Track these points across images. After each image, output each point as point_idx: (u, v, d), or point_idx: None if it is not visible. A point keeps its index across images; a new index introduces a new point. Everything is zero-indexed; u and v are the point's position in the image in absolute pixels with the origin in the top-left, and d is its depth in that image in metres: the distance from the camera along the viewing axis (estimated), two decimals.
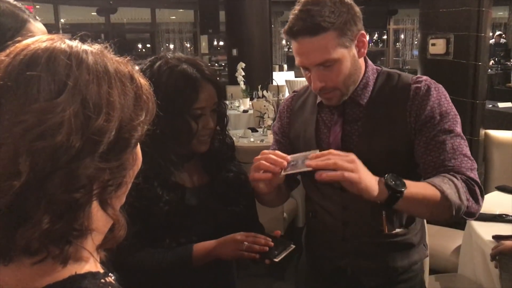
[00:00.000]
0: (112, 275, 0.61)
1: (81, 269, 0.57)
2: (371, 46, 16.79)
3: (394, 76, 1.34)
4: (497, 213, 2.05)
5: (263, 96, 4.83)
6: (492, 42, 10.92)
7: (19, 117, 0.52)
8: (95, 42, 0.61)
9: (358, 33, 1.24)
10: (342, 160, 1.06)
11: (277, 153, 1.17)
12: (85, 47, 0.59)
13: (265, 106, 3.99)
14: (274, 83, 7.42)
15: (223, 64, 13.77)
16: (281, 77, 8.99)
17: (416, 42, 14.67)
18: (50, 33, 0.63)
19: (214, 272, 1.33)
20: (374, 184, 1.09)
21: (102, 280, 0.58)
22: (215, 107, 1.30)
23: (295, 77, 9.96)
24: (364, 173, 1.08)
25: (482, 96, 3.34)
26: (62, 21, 12.29)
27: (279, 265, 1.21)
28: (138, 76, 0.63)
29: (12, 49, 0.57)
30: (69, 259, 0.55)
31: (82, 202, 0.54)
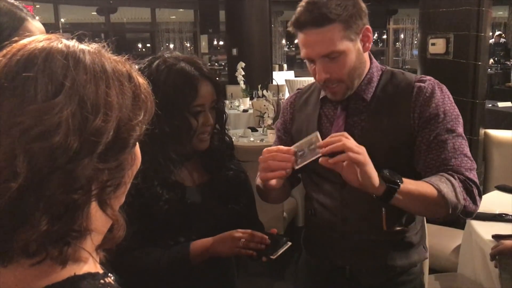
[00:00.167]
0: (111, 276, 0.61)
1: (80, 269, 0.57)
2: (371, 46, 16.74)
3: (398, 74, 1.36)
4: (496, 212, 2.05)
5: (263, 95, 4.82)
6: (492, 41, 10.91)
7: (16, 118, 0.51)
8: (93, 41, 0.61)
9: (363, 27, 1.27)
10: (350, 143, 1.09)
11: (280, 148, 1.18)
12: (82, 47, 0.58)
13: (265, 105, 3.98)
14: (274, 83, 7.42)
15: (223, 63, 13.76)
16: (281, 76, 8.99)
17: (415, 42, 14.66)
18: (49, 32, 0.62)
19: (214, 272, 1.33)
20: (375, 174, 1.12)
21: (102, 280, 0.58)
22: (214, 104, 1.31)
23: (295, 76, 9.97)
24: (368, 159, 1.10)
25: (482, 95, 3.34)
26: (62, 20, 12.28)
27: (276, 262, 1.21)
28: (136, 75, 0.62)
29: (8, 49, 0.57)
30: (68, 260, 0.55)
31: (81, 203, 0.54)
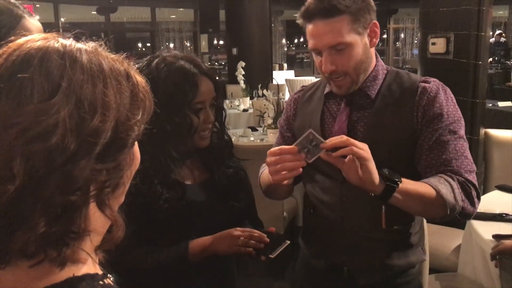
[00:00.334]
0: (111, 277, 0.61)
1: (79, 271, 0.57)
2: None
3: (403, 74, 1.38)
4: (497, 212, 2.05)
5: (263, 95, 4.82)
6: (492, 41, 10.90)
7: (13, 119, 0.51)
8: (90, 40, 0.60)
9: (371, 22, 1.29)
10: (353, 140, 1.11)
11: (283, 149, 1.17)
12: (79, 46, 0.58)
13: (265, 105, 3.97)
14: (274, 82, 7.41)
15: (223, 63, 13.76)
16: (281, 76, 8.99)
17: (416, 41, 14.66)
18: (47, 31, 0.62)
19: (214, 271, 1.34)
20: (376, 172, 1.12)
21: (101, 282, 0.57)
22: (214, 102, 1.32)
23: (295, 76, 9.96)
24: (371, 156, 1.12)
25: (482, 95, 3.33)
26: (62, 20, 12.26)
27: (275, 261, 1.21)
28: (135, 73, 0.61)
29: (4, 49, 0.56)
30: (66, 261, 0.55)
31: (79, 204, 0.53)
